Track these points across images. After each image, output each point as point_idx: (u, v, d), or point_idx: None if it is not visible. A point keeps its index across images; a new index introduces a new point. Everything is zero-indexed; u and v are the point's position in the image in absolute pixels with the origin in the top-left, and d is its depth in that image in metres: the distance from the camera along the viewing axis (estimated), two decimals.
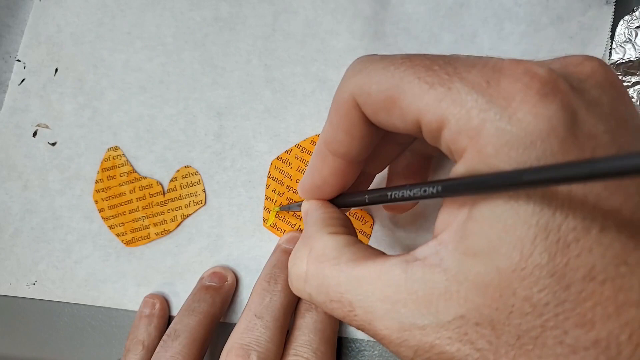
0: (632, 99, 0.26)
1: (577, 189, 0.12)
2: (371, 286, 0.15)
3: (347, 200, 0.20)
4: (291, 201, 0.28)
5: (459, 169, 0.14)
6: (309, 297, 0.17)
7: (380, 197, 0.18)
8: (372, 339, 0.26)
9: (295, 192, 0.28)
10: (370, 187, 0.24)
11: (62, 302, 0.30)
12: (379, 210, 0.27)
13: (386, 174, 0.24)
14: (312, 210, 0.20)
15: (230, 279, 0.27)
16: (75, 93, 0.31)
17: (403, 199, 0.16)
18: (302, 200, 0.21)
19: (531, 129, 0.13)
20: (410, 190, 0.16)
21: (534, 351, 0.13)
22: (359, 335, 0.27)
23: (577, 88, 0.14)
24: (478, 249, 0.13)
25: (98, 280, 0.29)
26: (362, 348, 0.27)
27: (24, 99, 0.31)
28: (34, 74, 0.31)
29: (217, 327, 0.26)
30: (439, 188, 0.14)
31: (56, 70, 0.31)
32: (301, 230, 0.28)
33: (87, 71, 0.31)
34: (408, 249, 0.27)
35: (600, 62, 0.15)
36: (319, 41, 0.29)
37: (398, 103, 0.15)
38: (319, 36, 0.29)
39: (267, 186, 0.28)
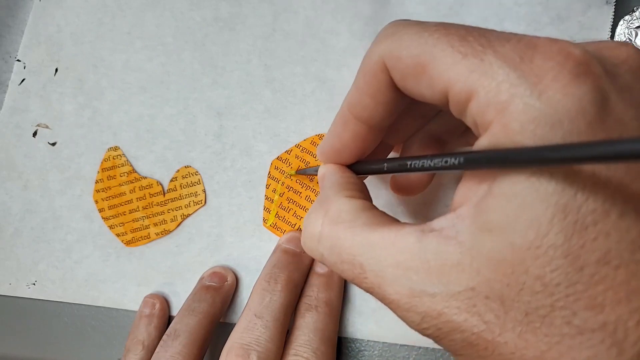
0: None
1: (600, 172, 0.12)
2: (384, 251, 0.15)
3: (365, 167, 0.20)
4: (291, 201, 0.28)
5: (482, 143, 0.14)
6: (320, 256, 0.17)
7: (400, 166, 0.18)
8: (372, 339, 0.26)
9: (295, 191, 0.28)
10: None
11: (62, 302, 0.30)
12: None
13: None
14: (329, 174, 0.20)
15: (230, 279, 0.27)
16: (75, 93, 0.31)
17: (423, 168, 0.16)
18: (318, 165, 0.21)
19: (560, 108, 0.12)
20: (432, 160, 0.16)
21: (541, 329, 0.13)
22: (358, 335, 0.27)
23: (610, 72, 0.14)
24: (494, 225, 0.13)
25: (98, 280, 0.29)
26: (362, 348, 0.27)
27: (24, 99, 0.31)
28: (34, 74, 0.31)
29: (217, 327, 0.26)
30: (461, 159, 0.14)
31: (56, 70, 0.31)
32: (301, 230, 0.28)
33: (87, 71, 0.31)
34: (421, 218, 0.27)
35: (635, 49, 0.15)
36: (319, 41, 0.29)
37: (428, 70, 0.15)
38: (319, 36, 0.29)
39: (267, 186, 0.28)
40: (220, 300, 0.26)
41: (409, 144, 0.23)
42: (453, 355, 0.15)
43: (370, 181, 0.27)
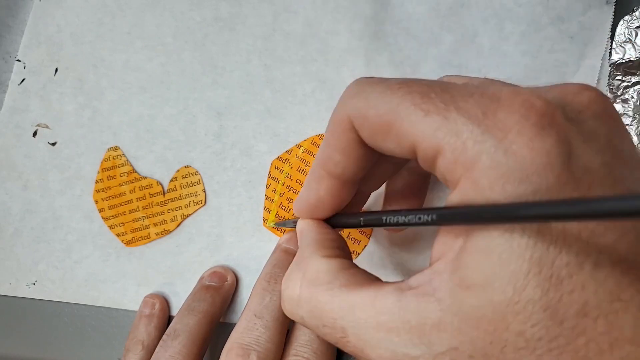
0: (632, 99, 0.26)
1: (571, 225, 0.12)
2: (364, 313, 0.15)
3: (342, 221, 0.20)
4: (291, 201, 0.28)
5: (453, 199, 0.14)
6: (301, 320, 0.17)
7: (376, 221, 0.18)
8: None
9: (295, 192, 0.28)
10: (366, 204, 0.24)
11: (62, 302, 0.30)
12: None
13: (383, 190, 0.24)
14: (306, 231, 0.20)
15: (230, 278, 0.27)
16: (75, 93, 0.31)
17: (398, 224, 0.16)
18: (297, 218, 0.21)
19: (527, 163, 0.12)
20: (405, 217, 0.16)
21: None
22: None
23: (574, 119, 0.14)
24: (472, 282, 0.13)
25: (98, 280, 0.29)
26: None
27: (24, 99, 0.31)
28: (34, 74, 0.31)
29: (217, 327, 0.26)
30: (434, 216, 0.14)
31: (56, 70, 0.31)
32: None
33: (87, 71, 0.31)
34: (402, 269, 0.27)
35: (598, 91, 0.15)
36: (319, 41, 0.29)
37: (394, 128, 0.15)
38: (319, 36, 0.29)
39: (267, 186, 0.28)
40: (220, 300, 0.26)
41: (392, 184, 0.23)
42: None
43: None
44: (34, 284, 0.30)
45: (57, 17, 0.32)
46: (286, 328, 0.24)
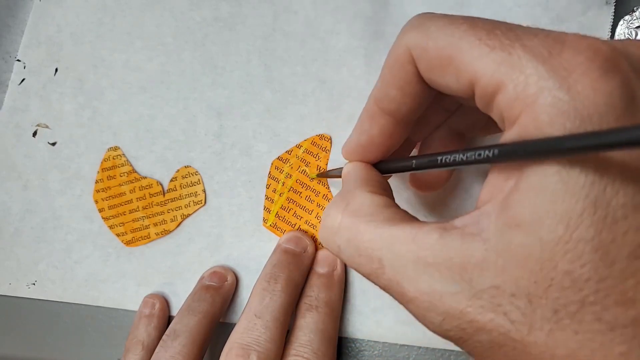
0: None
1: (629, 166, 0.12)
2: (405, 247, 0.15)
3: (391, 165, 0.20)
4: (292, 201, 0.28)
5: (510, 135, 0.14)
6: (337, 249, 0.17)
7: (430, 162, 0.17)
8: (371, 339, 0.26)
9: (295, 191, 0.28)
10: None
11: (62, 302, 0.30)
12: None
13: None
14: (353, 171, 0.20)
15: (230, 278, 0.27)
16: (75, 93, 0.31)
17: (455, 163, 0.16)
18: (340, 168, 0.21)
19: (589, 102, 0.12)
20: (464, 155, 0.15)
21: (571, 326, 0.12)
22: (358, 335, 0.27)
23: (638, 69, 0.14)
24: (522, 219, 0.13)
25: (98, 280, 0.29)
26: (362, 348, 0.27)
27: (23, 98, 0.31)
28: (34, 74, 0.31)
29: (217, 327, 0.26)
30: (496, 152, 0.14)
31: (56, 70, 0.31)
32: (301, 230, 0.28)
33: (87, 71, 0.31)
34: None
35: None
36: (318, 41, 0.29)
37: (455, 62, 0.15)
38: (319, 36, 0.29)
39: (267, 186, 0.28)
40: (220, 300, 0.26)
41: (428, 140, 0.23)
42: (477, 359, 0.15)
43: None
44: (34, 284, 0.30)
45: (57, 17, 0.32)
46: (286, 328, 0.24)
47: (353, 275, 0.27)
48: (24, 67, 0.32)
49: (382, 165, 0.20)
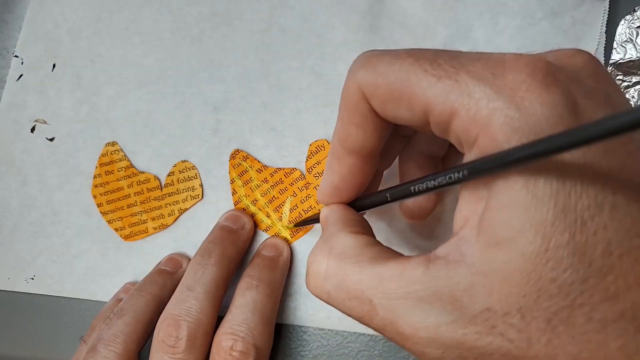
0: (633, 99, 0.26)
1: (586, 168, 0.13)
2: (393, 284, 0.15)
3: (367, 201, 0.20)
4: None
5: (472, 157, 0.14)
6: (327, 295, 0.17)
7: (403, 192, 0.18)
8: (374, 338, 0.27)
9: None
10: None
11: (60, 297, 0.30)
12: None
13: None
14: (331, 213, 0.20)
15: (185, 265, 0.28)
16: (73, 89, 0.31)
17: (427, 189, 0.16)
18: (316, 213, 0.21)
19: (538, 116, 0.13)
20: (435, 180, 0.16)
21: (566, 332, 0.13)
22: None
23: (573, 78, 0.14)
24: (500, 238, 0.13)
25: (97, 275, 0.29)
26: (362, 348, 0.27)
27: (22, 94, 0.31)
28: (32, 70, 0.32)
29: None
30: (465, 172, 0.14)
31: (54, 65, 0.31)
32: (242, 209, 0.28)
33: (84, 67, 0.31)
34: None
35: (589, 54, 0.16)
36: (315, 35, 0.29)
37: (406, 95, 0.15)
38: (315, 30, 0.29)
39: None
40: (171, 285, 0.26)
41: (404, 169, 0.23)
42: None
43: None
44: (33, 278, 0.30)
45: (55, 12, 0.32)
46: (219, 301, 0.24)
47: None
48: (22, 63, 0.32)
49: (358, 202, 0.21)
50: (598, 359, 0.13)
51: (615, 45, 0.27)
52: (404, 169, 0.23)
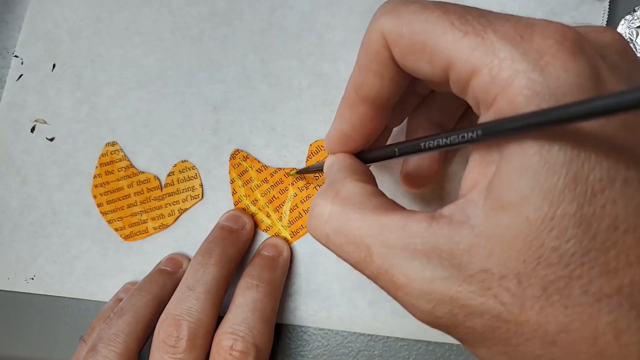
0: None
1: (602, 142, 0.13)
2: (394, 234, 0.15)
3: (375, 154, 0.20)
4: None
5: (487, 118, 0.14)
6: (325, 238, 0.17)
7: (412, 147, 0.17)
8: (374, 338, 0.27)
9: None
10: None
11: (60, 297, 0.30)
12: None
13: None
14: (337, 161, 0.20)
15: (185, 265, 0.28)
16: (73, 88, 0.31)
17: (438, 147, 0.16)
18: (320, 162, 0.21)
19: (561, 83, 0.13)
20: (447, 138, 0.15)
21: (560, 301, 0.13)
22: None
23: (600, 53, 0.14)
24: (507, 201, 0.13)
25: (97, 275, 0.29)
26: (362, 348, 0.27)
27: (22, 94, 0.31)
28: (32, 70, 0.32)
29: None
30: (479, 132, 0.14)
31: (54, 65, 0.31)
32: (242, 209, 0.28)
33: (84, 67, 0.31)
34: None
35: (619, 34, 0.15)
36: (315, 35, 0.29)
37: (429, 47, 0.15)
38: (315, 30, 0.29)
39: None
40: (171, 285, 0.26)
41: (411, 134, 0.23)
42: (470, 348, 0.15)
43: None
44: (33, 278, 0.30)
45: (55, 12, 0.32)
46: (219, 301, 0.24)
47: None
48: (22, 63, 0.32)
49: (365, 155, 0.20)
50: (588, 331, 0.13)
51: None
52: (410, 134, 0.23)
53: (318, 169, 0.25)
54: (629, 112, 0.11)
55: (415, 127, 0.23)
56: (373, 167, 0.24)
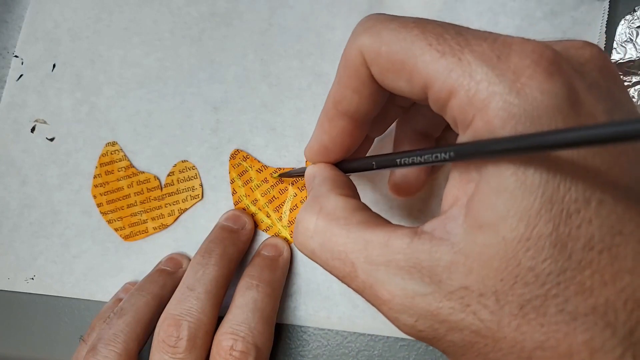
0: (633, 99, 0.26)
1: (578, 163, 0.13)
2: (377, 251, 0.15)
3: (353, 165, 0.20)
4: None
5: (465, 139, 0.14)
6: (311, 252, 0.17)
7: (389, 162, 0.18)
8: (374, 338, 0.27)
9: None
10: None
11: (60, 297, 0.30)
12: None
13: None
14: (319, 172, 0.20)
15: (185, 265, 0.28)
16: (73, 88, 0.31)
17: (413, 164, 0.16)
18: (303, 168, 0.21)
19: (537, 105, 0.13)
20: (421, 156, 0.16)
21: (536, 320, 0.13)
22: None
23: (578, 70, 0.14)
24: (484, 221, 0.13)
25: (97, 275, 0.29)
26: (362, 348, 0.27)
27: (21, 94, 0.31)
28: (32, 70, 0.32)
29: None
30: (451, 153, 0.14)
31: (54, 65, 0.31)
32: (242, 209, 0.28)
33: (84, 67, 0.31)
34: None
35: (599, 48, 0.15)
36: (314, 35, 0.29)
37: (407, 67, 0.15)
38: (315, 30, 0.29)
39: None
40: (171, 284, 0.26)
41: (398, 143, 0.23)
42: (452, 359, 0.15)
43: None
44: (33, 278, 0.30)
45: (55, 12, 0.32)
46: (220, 301, 0.24)
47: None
48: (22, 63, 0.32)
49: (344, 165, 0.21)
50: (563, 348, 0.13)
51: (615, 45, 0.27)
52: (397, 145, 0.23)
53: (299, 174, 0.25)
54: (600, 146, 0.11)
55: (401, 136, 0.23)
56: (354, 176, 0.24)
